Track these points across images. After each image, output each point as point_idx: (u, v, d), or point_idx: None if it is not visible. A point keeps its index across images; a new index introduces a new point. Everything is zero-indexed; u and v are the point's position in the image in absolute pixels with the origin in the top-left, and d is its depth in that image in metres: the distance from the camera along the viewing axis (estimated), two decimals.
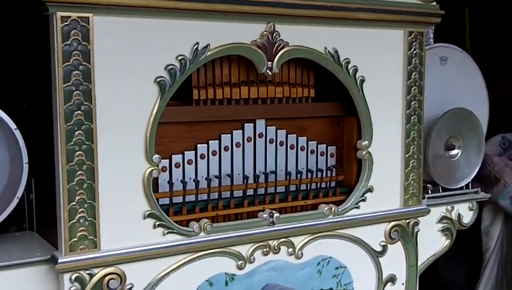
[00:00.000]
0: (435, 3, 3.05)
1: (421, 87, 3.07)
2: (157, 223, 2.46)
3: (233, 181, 2.73)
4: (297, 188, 2.90)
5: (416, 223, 3.15)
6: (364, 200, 2.97)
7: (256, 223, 2.71)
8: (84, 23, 2.23)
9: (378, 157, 2.98)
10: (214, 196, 2.70)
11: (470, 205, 3.53)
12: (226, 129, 2.73)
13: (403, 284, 3.17)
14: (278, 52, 2.65)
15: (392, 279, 3.13)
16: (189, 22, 2.44)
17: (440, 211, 3.40)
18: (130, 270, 2.42)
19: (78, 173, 2.28)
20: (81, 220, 2.30)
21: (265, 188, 2.81)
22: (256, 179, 2.76)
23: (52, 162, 2.32)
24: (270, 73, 2.66)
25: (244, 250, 2.68)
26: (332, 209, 2.88)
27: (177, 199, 2.61)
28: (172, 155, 2.61)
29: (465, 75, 3.59)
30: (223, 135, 2.71)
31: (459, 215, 3.46)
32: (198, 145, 2.66)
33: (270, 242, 2.74)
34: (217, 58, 2.60)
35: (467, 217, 3.52)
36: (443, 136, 3.38)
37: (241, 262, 2.67)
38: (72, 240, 2.29)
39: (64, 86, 2.22)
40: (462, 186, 3.52)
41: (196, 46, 2.46)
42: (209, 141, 2.68)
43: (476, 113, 3.47)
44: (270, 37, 2.63)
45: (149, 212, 2.44)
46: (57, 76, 2.22)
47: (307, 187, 2.92)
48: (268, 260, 2.75)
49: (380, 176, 3.00)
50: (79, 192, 2.29)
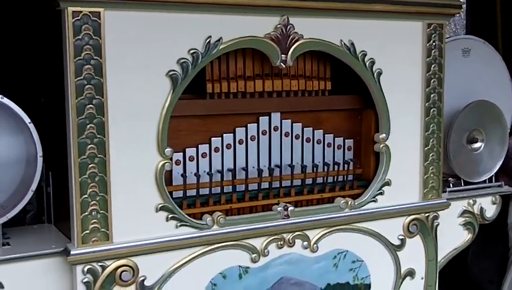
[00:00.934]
0: None
1: (440, 80, 3.03)
2: (170, 216, 2.48)
3: (248, 174, 2.73)
4: (314, 182, 2.89)
5: (436, 217, 3.11)
6: (381, 194, 2.94)
7: (271, 216, 2.71)
8: (95, 18, 2.26)
9: (396, 151, 2.95)
10: (228, 189, 2.71)
11: (493, 199, 3.47)
12: (241, 122, 2.72)
13: (422, 278, 3.14)
14: (292, 45, 2.64)
15: (410, 273, 3.10)
16: (201, 15, 2.45)
17: (462, 205, 3.35)
18: (143, 263, 2.44)
19: (90, 166, 2.31)
20: (93, 213, 2.33)
21: (280, 182, 2.80)
22: (271, 173, 2.75)
23: (66, 155, 2.35)
24: (284, 66, 2.65)
25: (258, 243, 2.68)
26: (349, 202, 2.86)
27: (191, 192, 2.62)
28: (186, 148, 2.62)
29: (489, 68, 3.53)
30: (237, 128, 2.71)
31: (482, 209, 3.41)
32: (213, 138, 2.66)
33: (284, 235, 2.73)
34: (231, 51, 2.60)
35: (490, 211, 3.46)
36: (465, 129, 3.33)
37: (255, 255, 2.67)
38: (84, 232, 2.32)
39: (76, 80, 2.25)
40: (485, 180, 3.46)
41: (208, 40, 2.47)
42: (224, 134, 2.69)
43: (500, 105, 3.41)
44: (284, 30, 2.62)
45: (161, 205, 2.46)
46: (68, 70, 2.25)
47: (323, 181, 2.90)
48: (283, 253, 2.74)
49: (398, 169, 2.97)
50: (91, 185, 2.32)
